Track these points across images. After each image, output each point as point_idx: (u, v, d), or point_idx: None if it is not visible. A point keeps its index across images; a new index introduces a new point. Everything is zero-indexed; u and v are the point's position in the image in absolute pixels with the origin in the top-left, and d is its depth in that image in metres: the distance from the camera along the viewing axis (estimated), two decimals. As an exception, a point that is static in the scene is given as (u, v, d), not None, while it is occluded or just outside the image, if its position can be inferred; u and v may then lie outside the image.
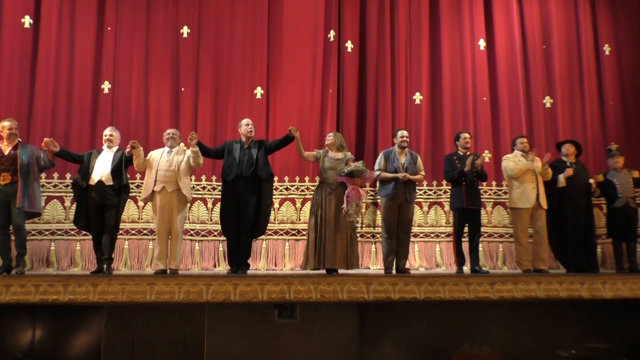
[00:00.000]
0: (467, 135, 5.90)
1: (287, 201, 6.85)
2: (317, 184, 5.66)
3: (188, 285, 4.41)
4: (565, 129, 7.34)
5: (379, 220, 6.54)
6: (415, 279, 4.74)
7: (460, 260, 5.79)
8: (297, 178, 6.91)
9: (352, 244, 5.26)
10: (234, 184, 5.27)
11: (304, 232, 6.21)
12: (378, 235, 6.69)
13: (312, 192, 5.58)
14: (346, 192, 5.20)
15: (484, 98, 7.35)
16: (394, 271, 5.54)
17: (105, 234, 5.20)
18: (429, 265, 6.90)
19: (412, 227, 6.76)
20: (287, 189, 6.88)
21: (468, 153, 5.86)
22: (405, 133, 5.71)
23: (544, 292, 4.81)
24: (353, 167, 5.26)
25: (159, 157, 5.32)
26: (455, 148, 5.98)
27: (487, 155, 7.17)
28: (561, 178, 5.83)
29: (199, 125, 6.84)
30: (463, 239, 5.83)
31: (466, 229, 5.80)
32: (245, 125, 5.47)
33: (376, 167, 5.63)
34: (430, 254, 6.96)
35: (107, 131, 5.47)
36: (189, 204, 5.80)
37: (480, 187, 6.11)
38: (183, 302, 4.38)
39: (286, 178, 6.89)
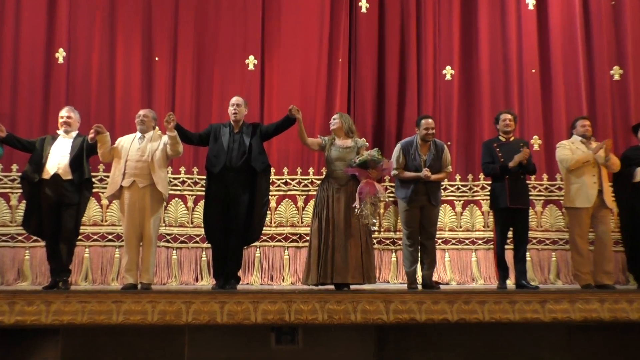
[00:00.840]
0: (508, 116, 5.84)
1: (287, 199, 6.88)
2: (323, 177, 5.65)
3: (164, 303, 4.41)
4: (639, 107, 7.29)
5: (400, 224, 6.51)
6: (446, 296, 4.73)
7: (502, 272, 5.78)
8: (299, 170, 6.92)
9: (367, 252, 5.26)
10: (222, 177, 5.27)
11: (308, 238, 6.20)
12: (400, 242, 6.68)
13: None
14: (359, 187, 5.20)
15: (533, 70, 7.33)
16: (419, 286, 5.56)
17: (61, 240, 5.20)
18: (463, 279, 6.93)
19: (442, 232, 6.83)
20: (286, 183, 6.89)
21: (512, 138, 5.81)
22: (430, 123, 5.64)
23: (609, 313, 4.78)
24: (366, 156, 5.25)
25: (129, 144, 5.31)
26: (497, 132, 5.95)
27: (536, 142, 7.15)
28: (638, 172, 5.78)
29: (177, 105, 6.85)
30: (506, 247, 5.82)
31: (510, 234, 5.79)
32: (231, 106, 5.47)
33: (393, 164, 5.62)
34: (464, 265, 6.98)
35: (64, 112, 5.47)
36: (165, 203, 5.80)
37: (527, 182, 6.07)
38: (158, 324, 4.38)
39: (285, 170, 6.90)
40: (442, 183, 6.31)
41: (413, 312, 4.59)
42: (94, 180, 6.03)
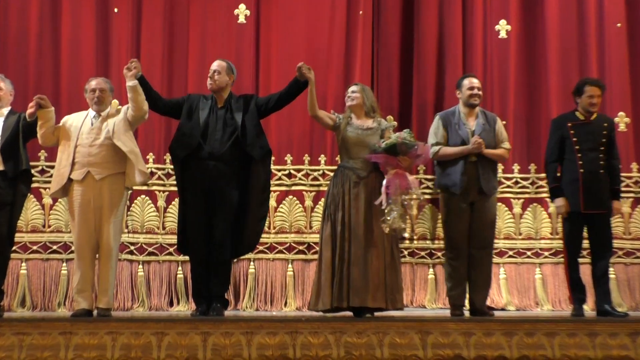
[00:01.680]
0: (597, 91, 5.69)
1: (291, 196, 6.90)
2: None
3: (128, 335, 4.41)
4: None
5: (440, 229, 6.50)
6: (502, 325, 4.73)
7: (577, 295, 5.76)
8: (306, 158, 6.96)
9: (392, 267, 5.27)
10: (201, 166, 5.26)
11: (318, 249, 6.20)
12: (439, 254, 6.71)
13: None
14: (385, 180, 5.20)
15: (618, 24, 7.32)
16: (466, 312, 5.56)
17: (-10, 251, 5.24)
18: (525, 303, 6.95)
19: (496, 241, 6.78)
20: (290, 175, 6.92)
21: (594, 117, 5.74)
22: (475, 82, 5.70)
23: None
24: (395, 138, 5.24)
25: (80, 123, 5.27)
26: (573, 106, 5.87)
27: (622, 120, 7.15)
28: None
29: (144, 71, 6.68)
30: (582, 260, 5.79)
31: (587, 243, 5.76)
32: (210, 72, 5.48)
33: (431, 139, 5.64)
34: (526, 285, 7.02)
35: (-8, 81, 5.49)
36: (128, 194, 5.62)
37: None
38: (120, 363, 4.40)
39: (288, 158, 6.93)
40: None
41: (458, 346, 4.57)
42: (33, 171, 6.04)
